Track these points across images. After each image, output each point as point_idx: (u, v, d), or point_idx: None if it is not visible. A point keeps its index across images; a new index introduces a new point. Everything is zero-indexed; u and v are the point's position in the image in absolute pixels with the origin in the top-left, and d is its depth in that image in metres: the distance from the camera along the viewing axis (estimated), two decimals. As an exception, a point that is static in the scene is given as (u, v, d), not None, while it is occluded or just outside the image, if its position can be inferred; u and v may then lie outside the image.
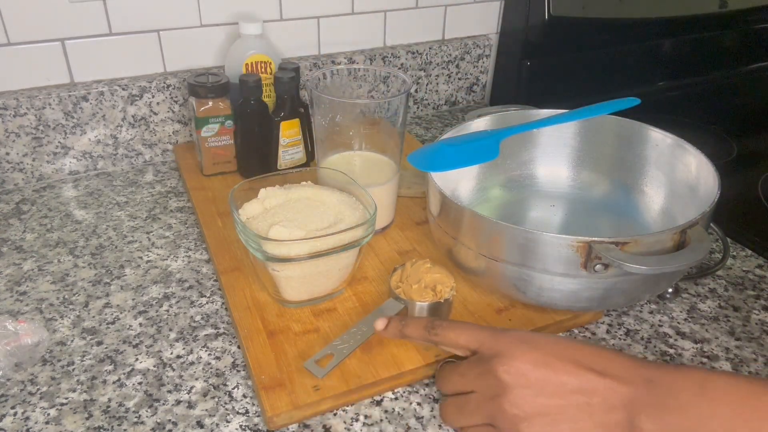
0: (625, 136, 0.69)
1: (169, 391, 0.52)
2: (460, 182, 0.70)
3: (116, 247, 0.70)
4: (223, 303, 0.62)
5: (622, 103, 0.64)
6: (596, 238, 0.49)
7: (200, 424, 0.49)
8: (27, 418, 0.50)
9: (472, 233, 0.55)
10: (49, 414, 0.50)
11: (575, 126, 0.71)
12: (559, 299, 0.55)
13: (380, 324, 0.52)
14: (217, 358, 0.56)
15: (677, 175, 0.65)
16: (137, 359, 0.55)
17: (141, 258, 0.69)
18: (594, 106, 0.65)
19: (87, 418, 0.50)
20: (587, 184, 0.73)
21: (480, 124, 0.69)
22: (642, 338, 0.59)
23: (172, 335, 0.58)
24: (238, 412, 0.50)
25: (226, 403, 0.51)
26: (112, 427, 0.49)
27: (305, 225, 0.57)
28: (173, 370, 0.54)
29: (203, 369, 0.54)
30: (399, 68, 1.02)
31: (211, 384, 0.53)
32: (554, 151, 0.73)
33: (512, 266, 0.54)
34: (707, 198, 0.56)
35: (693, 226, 0.51)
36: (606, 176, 0.72)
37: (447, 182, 0.61)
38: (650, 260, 0.49)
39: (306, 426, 0.50)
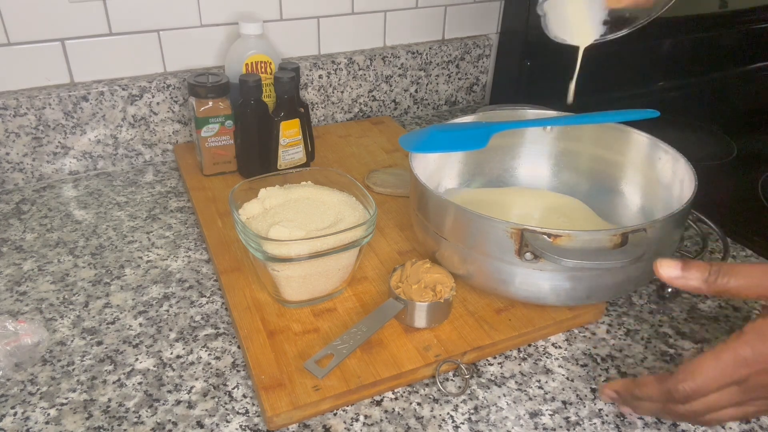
0: (603, 136, 0.69)
1: (169, 391, 0.52)
2: (442, 180, 0.72)
3: (116, 247, 0.70)
4: (223, 303, 0.62)
5: (641, 114, 0.63)
6: (528, 227, 0.50)
7: (200, 424, 0.49)
8: (27, 418, 0.50)
9: (430, 213, 0.58)
10: (49, 414, 0.50)
11: (556, 127, 0.72)
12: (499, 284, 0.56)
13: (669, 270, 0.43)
14: (217, 358, 0.56)
15: (655, 174, 0.65)
16: (137, 359, 0.55)
17: (141, 258, 0.69)
18: (611, 112, 0.64)
19: (87, 418, 0.50)
20: (567, 184, 0.73)
21: (471, 117, 0.70)
22: (642, 338, 0.59)
23: (172, 335, 0.58)
24: (238, 412, 0.50)
25: (226, 403, 0.51)
26: (112, 427, 0.49)
27: (305, 225, 0.57)
28: (173, 370, 0.54)
29: (203, 369, 0.54)
30: (399, 68, 1.02)
31: (211, 384, 0.53)
32: (535, 151, 0.74)
33: (456, 246, 0.56)
34: (683, 198, 0.56)
35: (636, 232, 0.50)
36: (585, 176, 0.72)
37: (430, 181, 0.63)
38: (573, 254, 0.49)
39: (306, 426, 0.50)
